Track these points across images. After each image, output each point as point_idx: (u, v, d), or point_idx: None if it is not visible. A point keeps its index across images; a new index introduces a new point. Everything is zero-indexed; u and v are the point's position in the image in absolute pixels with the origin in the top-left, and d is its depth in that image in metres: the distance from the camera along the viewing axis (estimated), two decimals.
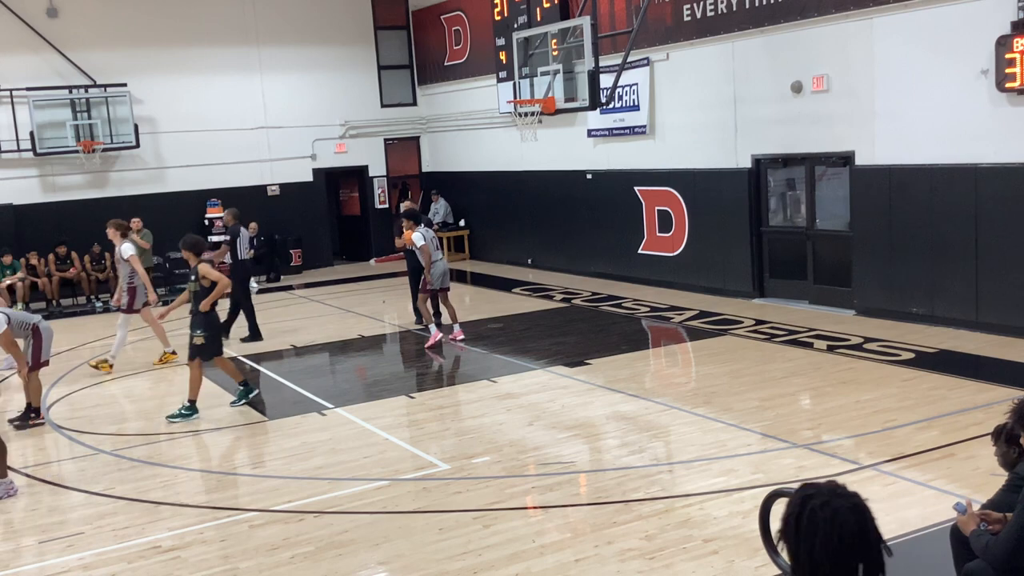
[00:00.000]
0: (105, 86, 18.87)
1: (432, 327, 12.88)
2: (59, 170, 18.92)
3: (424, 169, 22.96)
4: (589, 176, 17.41)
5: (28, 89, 18.21)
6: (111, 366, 12.15)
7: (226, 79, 20.34)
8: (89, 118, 18.68)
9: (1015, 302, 10.91)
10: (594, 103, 13.48)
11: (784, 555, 2.43)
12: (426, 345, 12.73)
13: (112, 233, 12.29)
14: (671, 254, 15.80)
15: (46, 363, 10.05)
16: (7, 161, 18.35)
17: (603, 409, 9.34)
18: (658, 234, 16.02)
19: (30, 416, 9.86)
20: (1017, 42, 10.38)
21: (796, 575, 2.37)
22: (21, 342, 9.73)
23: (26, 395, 9.92)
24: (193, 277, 10.00)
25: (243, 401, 10.21)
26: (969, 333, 11.25)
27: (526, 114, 14.38)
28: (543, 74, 14.00)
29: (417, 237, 12.85)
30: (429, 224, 14.26)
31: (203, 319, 9.90)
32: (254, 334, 13.76)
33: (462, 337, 12.86)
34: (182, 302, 10.60)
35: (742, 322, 12.83)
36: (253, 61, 20.60)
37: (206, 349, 9.93)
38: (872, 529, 2.34)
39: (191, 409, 9.84)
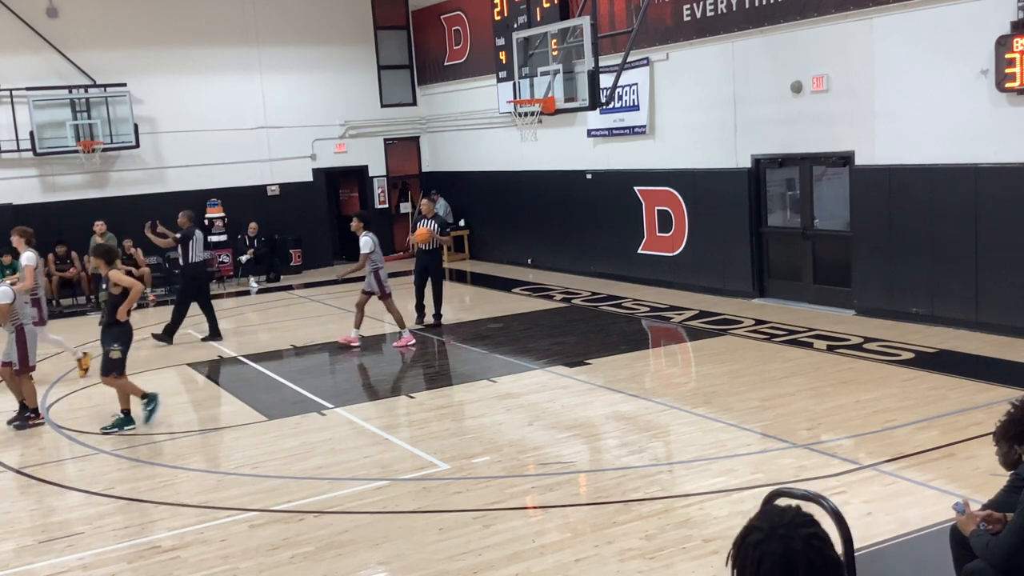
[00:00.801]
0: (105, 86, 18.87)
1: (405, 331, 12.93)
2: (59, 170, 18.92)
3: (424, 169, 22.95)
4: (589, 176, 17.41)
5: (28, 89, 18.20)
6: (82, 358, 12.09)
7: (226, 79, 20.33)
8: (89, 118, 18.67)
9: (1015, 302, 10.90)
10: (594, 103, 13.48)
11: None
12: (396, 344, 12.91)
13: (16, 240, 11.69)
14: (671, 254, 15.80)
15: (33, 368, 9.99)
16: (7, 161, 18.35)
17: (603, 409, 9.34)
18: (658, 234, 16.02)
19: (28, 417, 9.86)
20: (1017, 42, 10.38)
21: None
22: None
23: (24, 397, 9.91)
24: (104, 286, 9.81)
25: (117, 429, 9.46)
26: (969, 333, 11.25)
27: (526, 114, 14.37)
28: (543, 74, 14.00)
29: (365, 242, 12.74)
30: (443, 224, 14.20)
31: (118, 332, 9.47)
32: (214, 333, 13.97)
33: (357, 344, 12.94)
34: None
35: (742, 322, 12.83)
36: (253, 61, 20.60)
37: (121, 363, 9.52)
38: None
39: (127, 420, 9.52)
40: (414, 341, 12.90)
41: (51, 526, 7.18)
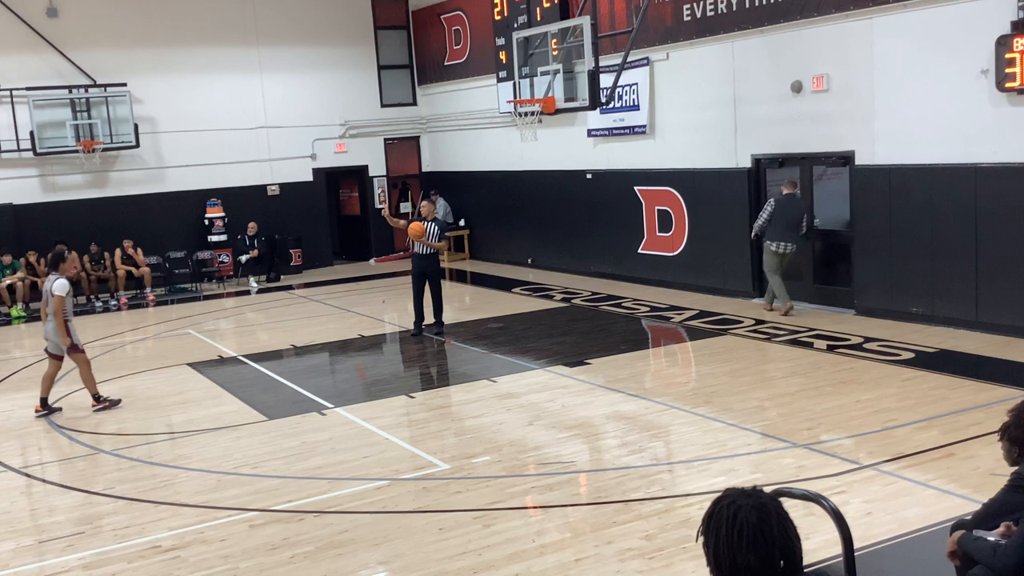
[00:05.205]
0: (105, 86, 18.86)
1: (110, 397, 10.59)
2: (59, 170, 18.92)
3: (424, 169, 22.95)
4: (589, 176, 17.41)
5: (28, 89, 18.20)
6: None
7: (226, 79, 20.33)
8: (89, 118, 18.67)
9: (1015, 302, 10.90)
10: (594, 103, 13.48)
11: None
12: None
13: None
14: (671, 254, 15.79)
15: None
16: (7, 161, 18.34)
17: (603, 409, 9.33)
18: (658, 234, 16.02)
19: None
20: (1017, 42, 10.38)
21: (709, 568, 2.50)
22: None
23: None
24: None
25: None
26: (969, 333, 11.25)
27: (526, 114, 14.37)
28: (543, 74, 14.00)
29: (60, 286, 10.03)
30: (444, 227, 13.58)
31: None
32: None
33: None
34: None
35: (742, 322, 12.82)
36: (253, 61, 20.59)
37: None
38: (775, 529, 2.40)
39: None
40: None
41: (51, 526, 7.17)
